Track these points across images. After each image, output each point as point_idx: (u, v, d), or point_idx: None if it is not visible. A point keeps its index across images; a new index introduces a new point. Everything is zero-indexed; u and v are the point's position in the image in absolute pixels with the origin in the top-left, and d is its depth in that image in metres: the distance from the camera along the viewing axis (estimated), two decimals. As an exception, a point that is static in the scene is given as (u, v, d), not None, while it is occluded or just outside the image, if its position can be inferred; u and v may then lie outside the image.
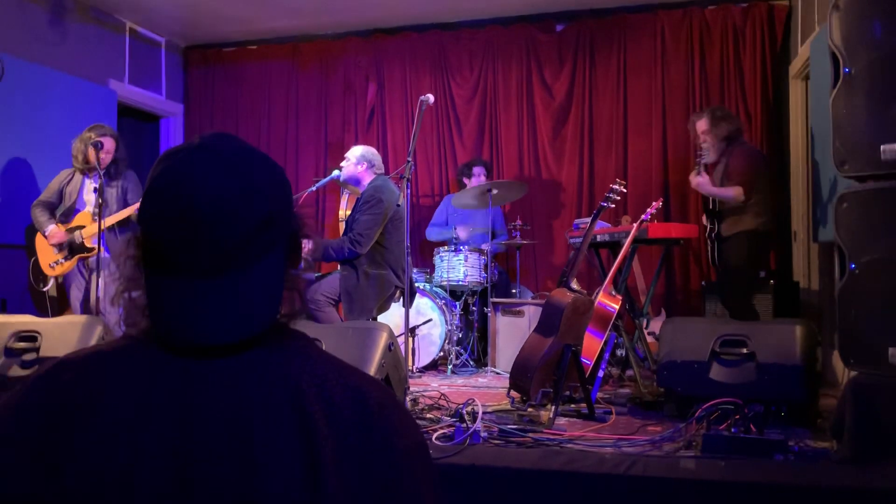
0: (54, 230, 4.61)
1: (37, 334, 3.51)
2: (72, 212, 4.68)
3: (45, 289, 4.73)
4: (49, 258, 4.65)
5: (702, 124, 4.46)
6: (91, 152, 4.51)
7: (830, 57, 2.72)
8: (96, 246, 4.42)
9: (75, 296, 4.70)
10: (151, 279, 0.87)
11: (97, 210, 4.39)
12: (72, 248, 4.62)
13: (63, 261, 4.63)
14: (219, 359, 0.85)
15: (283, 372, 0.85)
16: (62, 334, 3.50)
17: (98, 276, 4.36)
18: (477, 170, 5.82)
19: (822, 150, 4.25)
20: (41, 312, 4.81)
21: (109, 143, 4.69)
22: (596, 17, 6.11)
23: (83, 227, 4.60)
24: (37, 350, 3.48)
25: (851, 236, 2.63)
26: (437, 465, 2.51)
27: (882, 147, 2.54)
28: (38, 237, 4.69)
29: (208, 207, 0.83)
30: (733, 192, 4.21)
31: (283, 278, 0.92)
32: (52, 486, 0.80)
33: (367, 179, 4.53)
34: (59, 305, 4.84)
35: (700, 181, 4.30)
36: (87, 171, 4.64)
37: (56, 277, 4.69)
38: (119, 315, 0.93)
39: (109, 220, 4.53)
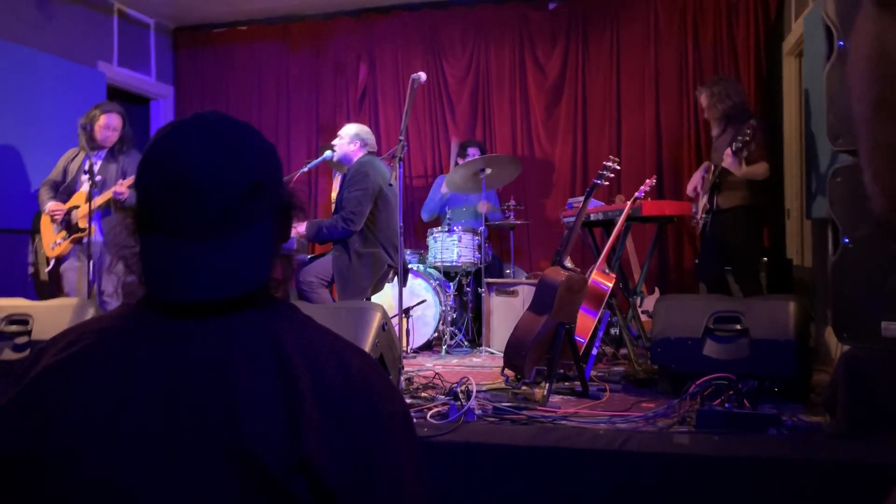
0: (53, 205, 4.56)
1: (28, 317, 3.49)
2: (72, 190, 4.64)
3: (46, 270, 4.70)
4: (49, 239, 4.62)
5: (702, 100, 4.57)
6: (94, 130, 4.49)
7: (825, 30, 2.70)
8: (88, 226, 4.38)
9: (70, 278, 4.64)
10: (145, 241, 0.91)
11: (89, 190, 4.35)
12: (68, 228, 4.57)
13: (61, 241, 4.59)
14: (208, 317, 0.88)
15: (268, 330, 0.89)
16: (54, 317, 3.48)
17: (91, 260, 4.32)
18: (471, 150, 5.80)
19: (816, 127, 4.23)
20: (41, 297, 4.78)
21: (116, 121, 4.64)
22: (589, -5, 6.07)
23: (78, 206, 4.55)
24: (28, 333, 3.46)
25: (845, 210, 2.62)
26: (424, 439, 2.53)
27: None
28: (43, 218, 4.65)
29: (198, 172, 0.88)
30: (762, 170, 4.19)
31: (272, 246, 0.95)
32: (44, 438, 0.83)
33: (356, 157, 4.51)
34: (57, 289, 4.81)
35: (733, 162, 4.12)
36: (90, 149, 4.56)
37: (55, 259, 4.65)
38: (116, 292, 0.99)
39: (100, 199, 4.47)
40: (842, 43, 2.64)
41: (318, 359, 0.87)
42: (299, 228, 4.39)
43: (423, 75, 3.93)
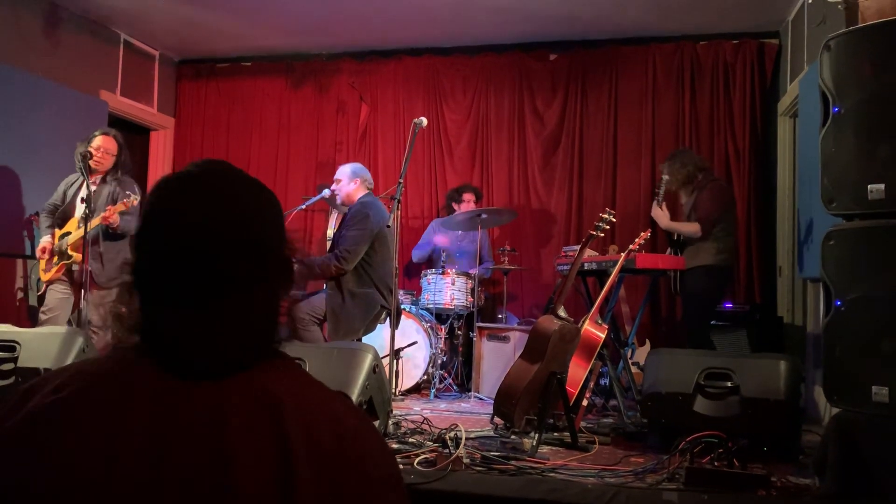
0: (45, 241, 4.53)
1: (16, 344, 3.45)
2: (68, 214, 4.60)
3: (38, 293, 4.65)
4: (44, 262, 4.59)
5: (665, 175, 4.80)
6: (89, 152, 4.46)
7: (820, 96, 2.76)
8: (77, 254, 4.36)
9: (50, 297, 4.56)
10: (143, 301, 0.90)
11: (83, 217, 4.32)
12: (59, 255, 4.54)
13: (51, 267, 4.55)
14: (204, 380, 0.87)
15: (265, 388, 0.87)
16: (42, 345, 3.44)
17: (82, 289, 4.27)
18: (467, 196, 5.84)
19: (809, 186, 4.30)
20: (33, 323, 4.74)
21: (109, 143, 4.58)
22: (589, 48, 6.18)
23: (69, 233, 4.52)
24: (15, 360, 3.42)
25: (838, 273, 2.65)
26: (410, 486, 2.49)
27: (869, 186, 2.57)
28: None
29: (197, 237, 0.87)
30: (691, 229, 4.51)
31: (276, 304, 0.95)
32: (28, 484, 0.80)
33: (358, 196, 4.53)
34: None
35: (657, 214, 4.55)
36: (86, 174, 4.45)
37: (47, 283, 4.61)
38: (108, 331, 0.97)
39: (90, 225, 4.40)
40: (837, 109, 2.70)
41: (313, 420, 0.86)
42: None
43: (424, 120, 3.98)
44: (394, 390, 4.65)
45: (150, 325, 0.90)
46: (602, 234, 3.92)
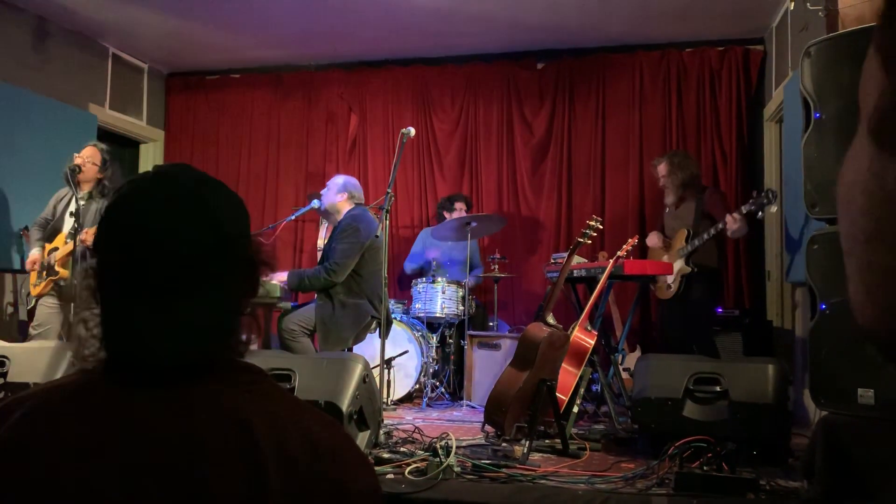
0: (34, 254, 4.51)
1: (5, 359, 3.45)
2: (57, 229, 4.58)
3: (28, 308, 4.64)
4: (34, 277, 4.57)
5: (661, 169, 4.85)
6: (73, 160, 4.44)
7: (802, 102, 2.79)
8: (64, 270, 4.35)
9: (41, 312, 4.54)
10: (105, 302, 0.88)
11: (71, 232, 4.31)
12: (48, 270, 4.52)
13: (40, 281, 4.53)
14: (169, 389, 0.85)
15: (232, 406, 0.85)
16: (31, 360, 3.44)
17: (71, 304, 4.27)
18: (458, 204, 5.86)
19: (795, 191, 4.33)
20: (24, 338, 4.72)
21: (92, 153, 4.54)
22: (576, 56, 6.22)
23: (57, 248, 4.51)
24: (4, 375, 3.41)
25: (822, 277, 2.67)
26: (402, 496, 2.50)
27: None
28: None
29: (159, 228, 0.86)
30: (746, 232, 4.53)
31: (239, 304, 0.93)
32: None
33: (345, 209, 4.55)
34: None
35: (737, 228, 4.35)
36: (73, 187, 4.39)
37: (36, 297, 4.59)
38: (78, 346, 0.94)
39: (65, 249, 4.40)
40: (818, 115, 2.73)
41: (286, 438, 0.84)
42: (280, 276, 4.40)
43: (412, 130, 4.00)
44: (386, 399, 4.66)
45: (109, 320, 0.88)
46: (589, 241, 3.94)
